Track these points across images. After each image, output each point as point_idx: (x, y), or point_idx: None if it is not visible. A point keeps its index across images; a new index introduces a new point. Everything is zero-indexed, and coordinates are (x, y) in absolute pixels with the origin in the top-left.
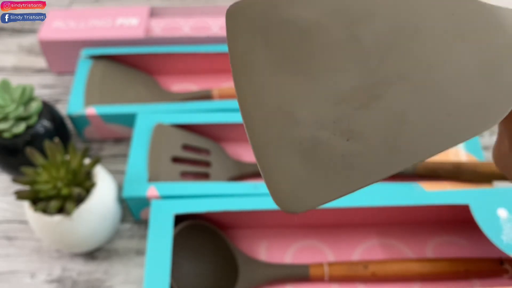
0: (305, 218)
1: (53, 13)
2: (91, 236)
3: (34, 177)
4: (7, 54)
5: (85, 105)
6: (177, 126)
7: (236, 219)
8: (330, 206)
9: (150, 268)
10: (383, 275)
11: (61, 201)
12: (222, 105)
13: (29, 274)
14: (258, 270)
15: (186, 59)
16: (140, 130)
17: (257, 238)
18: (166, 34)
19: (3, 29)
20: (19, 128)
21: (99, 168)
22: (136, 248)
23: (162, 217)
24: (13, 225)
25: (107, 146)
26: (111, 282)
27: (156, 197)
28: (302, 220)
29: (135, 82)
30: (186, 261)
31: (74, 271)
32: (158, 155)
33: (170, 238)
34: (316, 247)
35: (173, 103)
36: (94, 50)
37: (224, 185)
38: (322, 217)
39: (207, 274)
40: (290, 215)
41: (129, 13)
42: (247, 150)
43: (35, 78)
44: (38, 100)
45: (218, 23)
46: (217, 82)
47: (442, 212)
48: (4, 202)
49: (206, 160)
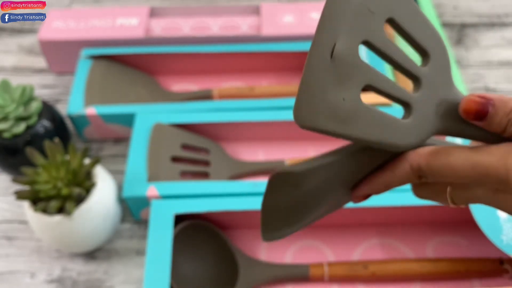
0: None
1: (53, 13)
2: (91, 236)
3: (34, 177)
4: (7, 54)
5: (85, 105)
6: (176, 125)
7: (236, 219)
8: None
9: (150, 268)
10: (383, 275)
11: (61, 201)
12: (222, 105)
13: (29, 274)
14: (258, 270)
15: (186, 59)
16: (139, 130)
17: (257, 238)
18: (166, 34)
19: (3, 29)
20: (19, 128)
21: (99, 168)
22: (136, 248)
23: (162, 217)
24: (13, 225)
25: (107, 146)
26: (111, 282)
27: (156, 197)
28: None
29: (135, 82)
30: (186, 261)
31: (74, 271)
32: (157, 155)
33: (170, 238)
34: (316, 247)
35: (173, 103)
36: (94, 50)
37: (223, 184)
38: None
39: (207, 274)
40: None
41: (129, 13)
42: (247, 149)
43: (35, 78)
44: (38, 100)
45: (218, 23)
46: (217, 82)
47: (442, 212)
48: (4, 202)
49: (206, 159)
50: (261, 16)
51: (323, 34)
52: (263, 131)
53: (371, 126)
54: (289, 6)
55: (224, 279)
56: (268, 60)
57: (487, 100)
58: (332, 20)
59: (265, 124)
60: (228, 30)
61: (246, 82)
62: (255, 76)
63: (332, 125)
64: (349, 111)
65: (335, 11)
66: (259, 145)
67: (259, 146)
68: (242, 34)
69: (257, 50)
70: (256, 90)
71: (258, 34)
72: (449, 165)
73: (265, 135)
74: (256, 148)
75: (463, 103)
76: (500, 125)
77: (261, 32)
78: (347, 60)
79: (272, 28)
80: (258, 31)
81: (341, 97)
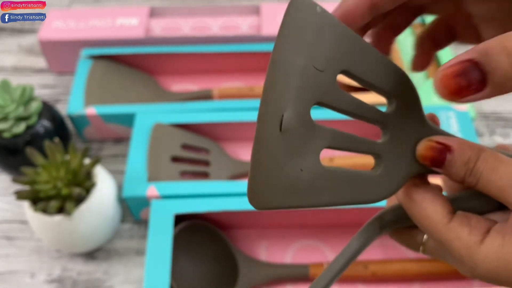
0: (305, 218)
1: (53, 13)
2: (91, 236)
3: (34, 177)
4: (7, 54)
5: (85, 105)
6: (176, 125)
7: (236, 219)
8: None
9: (150, 268)
10: (383, 275)
11: (61, 201)
12: (222, 105)
13: (29, 274)
14: (258, 270)
15: (186, 59)
16: (139, 130)
17: (257, 238)
18: (166, 34)
19: (3, 29)
20: (19, 128)
21: (99, 168)
22: (136, 248)
23: (162, 217)
24: (13, 225)
25: (107, 146)
26: (111, 282)
27: (156, 197)
28: (302, 220)
29: (135, 82)
30: (186, 261)
31: (74, 271)
32: (157, 155)
33: (170, 238)
34: (316, 247)
35: (173, 103)
36: (94, 50)
37: (223, 183)
38: (322, 217)
39: (207, 274)
40: (290, 215)
41: (129, 13)
42: (247, 149)
43: (35, 78)
44: (38, 100)
45: (218, 23)
46: (217, 82)
47: None
48: (4, 202)
49: (206, 159)
50: (261, 16)
51: (267, 107)
52: None
53: (337, 189)
54: None
55: (224, 279)
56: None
57: (445, 147)
58: (276, 89)
59: None
60: (228, 30)
61: (246, 82)
62: (255, 76)
63: (294, 199)
64: (310, 180)
65: (278, 79)
66: None
67: None
68: (242, 34)
69: (257, 50)
70: (256, 90)
71: (258, 34)
72: (425, 220)
73: None
74: None
75: (419, 148)
76: (458, 175)
77: (261, 32)
78: (298, 130)
79: (272, 28)
80: (258, 31)
81: (298, 168)
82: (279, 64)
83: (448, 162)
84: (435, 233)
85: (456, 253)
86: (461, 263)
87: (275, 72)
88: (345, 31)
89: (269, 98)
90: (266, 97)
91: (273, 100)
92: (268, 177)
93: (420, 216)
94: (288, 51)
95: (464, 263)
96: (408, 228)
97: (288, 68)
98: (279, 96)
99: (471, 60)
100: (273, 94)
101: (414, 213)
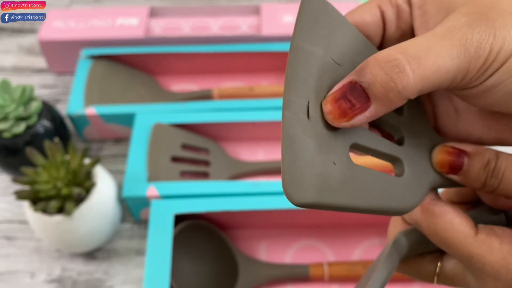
0: (305, 218)
1: (53, 13)
2: (91, 236)
3: (34, 177)
4: (7, 54)
5: (85, 105)
6: (176, 125)
7: (236, 219)
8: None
9: (150, 268)
10: None
11: (61, 201)
12: (222, 105)
13: (29, 274)
14: (258, 270)
15: (186, 59)
16: (139, 130)
17: (257, 238)
18: (166, 34)
19: (3, 29)
20: (19, 128)
21: (99, 168)
22: (136, 248)
23: (162, 217)
24: (13, 225)
25: (107, 146)
26: (111, 282)
27: (156, 197)
28: (302, 220)
29: (135, 82)
30: (186, 261)
31: (74, 271)
32: (157, 155)
33: (170, 238)
34: (316, 247)
35: (173, 103)
36: (94, 50)
37: (223, 184)
38: (322, 217)
39: (207, 274)
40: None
41: (129, 13)
42: (247, 149)
43: (35, 78)
44: (38, 100)
45: (218, 23)
46: (217, 82)
47: None
48: (4, 202)
49: (206, 159)
50: (261, 16)
51: (293, 94)
52: (263, 131)
53: (370, 189)
54: (289, 6)
55: (224, 279)
56: (268, 60)
57: (461, 151)
58: (299, 77)
59: (265, 124)
60: (228, 30)
61: (246, 82)
62: (255, 76)
63: (328, 195)
64: (342, 175)
65: (300, 67)
66: (259, 145)
67: (259, 146)
68: (242, 34)
69: (257, 50)
70: (256, 90)
71: (258, 34)
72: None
73: (265, 135)
74: (256, 148)
75: (436, 154)
76: (478, 180)
77: (261, 32)
78: (324, 120)
79: (272, 28)
80: (258, 31)
81: (331, 160)
82: (300, 51)
83: (466, 166)
84: (463, 247)
85: (489, 268)
86: (496, 279)
87: (296, 60)
88: (356, 32)
89: (293, 86)
90: (290, 84)
91: (298, 87)
92: (300, 167)
93: (445, 230)
94: (307, 41)
95: (501, 278)
96: (418, 258)
97: (310, 57)
98: (302, 83)
99: (350, 82)
100: (297, 82)
101: (438, 229)
